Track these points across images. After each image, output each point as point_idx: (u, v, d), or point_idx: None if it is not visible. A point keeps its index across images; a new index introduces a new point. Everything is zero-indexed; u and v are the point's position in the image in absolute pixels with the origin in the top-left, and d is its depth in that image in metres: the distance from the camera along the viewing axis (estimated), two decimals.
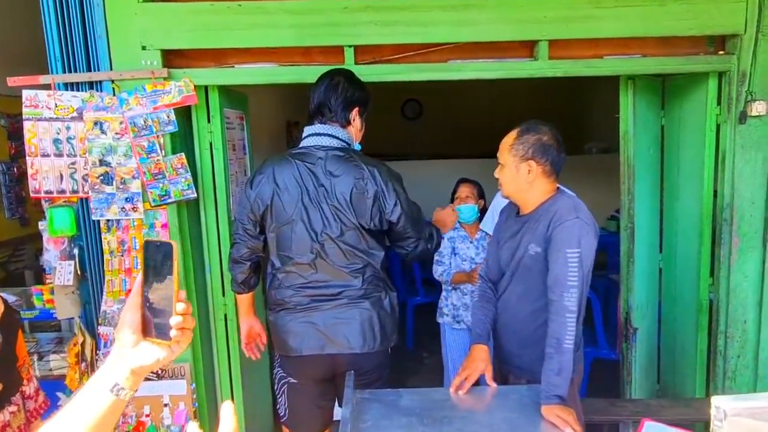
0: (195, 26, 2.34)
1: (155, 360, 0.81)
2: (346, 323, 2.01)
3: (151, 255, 0.80)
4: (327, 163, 1.99)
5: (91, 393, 0.79)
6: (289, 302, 2.03)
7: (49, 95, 2.32)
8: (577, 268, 1.74)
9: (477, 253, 3.00)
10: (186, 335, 0.82)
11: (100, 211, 2.39)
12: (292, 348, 2.03)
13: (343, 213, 1.96)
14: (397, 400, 1.83)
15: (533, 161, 1.87)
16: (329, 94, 2.06)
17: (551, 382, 1.71)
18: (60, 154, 2.37)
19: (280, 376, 2.14)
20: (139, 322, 0.80)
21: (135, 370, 0.80)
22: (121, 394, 0.79)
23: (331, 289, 2.01)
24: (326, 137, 2.04)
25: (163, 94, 2.34)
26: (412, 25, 2.36)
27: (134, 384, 0.81)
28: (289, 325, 2.03)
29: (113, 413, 0.80)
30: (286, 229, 2.00)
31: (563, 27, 2.36)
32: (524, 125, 1.92)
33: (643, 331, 2.85)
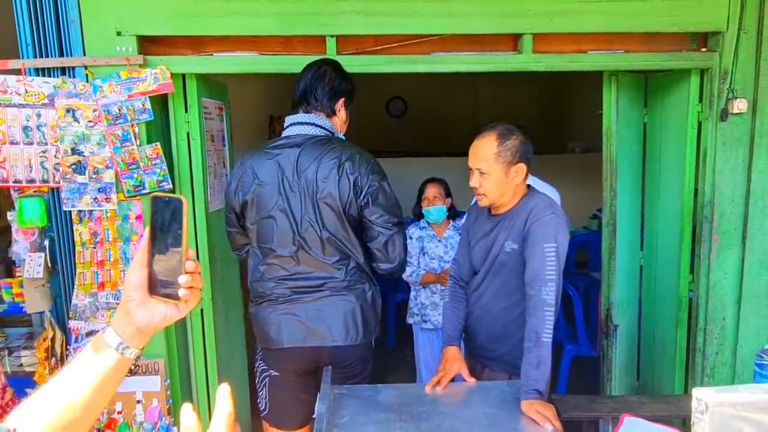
0: (173, 12, 2.28)
1: (162, 318, 0.78)
2: (328, 315, 1.97)
3: (158, 211, 0.76)
4: (306, 151, 1.93)
5: (96, 351, 0.77)
6: (271, 294, 1.99)
7: (19, 80, 2.24)
8: (555, 262, 1.75)
9: (446, 251, 3.01)
10: (195, 294, 0.79)
11: (71, 202, 2.31)
12: (273, 340, 1.99)
13: (324, 200, 1.92)
14: (375, 395, 1.80)
15: (522, 163, 1.88)
16: (315, 82, 2.01)
17: (530, 377, 1.69)
18: (30, 142, 2.29)
19: (261, 368, 2.09)
20: (146, 280, 0.77)
21: (141, 329, 0.78)
22: (126, 353, 0.78)
23: (313, 280, 1.96)
24: (309, 126, 1.99)
25: (138, 81, 2.27)
26: (396, 15, 2.33)
27: (140, 343, 0.79)
28: (271, 317, 1.99)
29: (118, 372, 0.78)
30: (268, 222, 1.95)
31: (547, 21, 2.34)
32: (497, 130, 1.90)
33: (623, 328, 2.84)
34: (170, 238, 0.75)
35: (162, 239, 0.76)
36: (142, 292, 0.77)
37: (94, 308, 2.34)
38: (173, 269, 0.76)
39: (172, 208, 0.75)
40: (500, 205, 1.97)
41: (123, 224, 2.35)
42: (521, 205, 1.92)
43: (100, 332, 0.79)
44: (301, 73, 2.05)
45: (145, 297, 0.77)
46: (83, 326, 2.35)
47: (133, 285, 0.77)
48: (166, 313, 0.78)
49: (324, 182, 1.91)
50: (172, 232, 0.75)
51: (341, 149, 1.95)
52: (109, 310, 2.34)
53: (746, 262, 2.52)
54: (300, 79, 2.04)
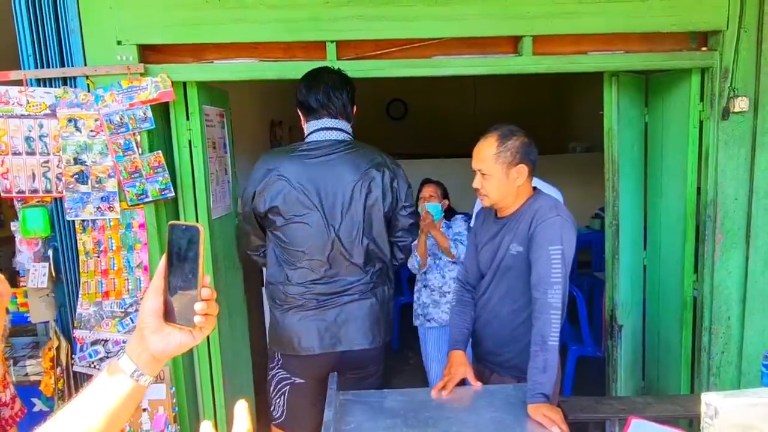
0: (173, 21, 2.28)
1: (177, 345, 0.79)
2: (355, 319, 2.03)
3: (175, 239, 0.77)
4: (342, 156, 2.02)
5: (111, 379, 0.77)
6: (300, 300, 2.02)
7: (21, 91, 2.25)
8: (560, 264, 1.75)
9: (439, 248, 3.02)
10: (210, 321, 0.79)
11: (74, 211, 2.32)
12: (303, 347, 2.02)
13: (370, 206, 2.01)
14: (382, 401, 1.80)
15: (522, 164, 1.88)
16: (336, 89, 2.07)
17: (536, 381, 1.69)
18: (32, 152, 2.29)
19: (280, 377, 2.10)
20: (161, 307, 0.78)
21: (156, 356, 0.79)
22: (141, 380, 0.78)
23: (341, 284, 2.02)
24: (336, 131, 2.06)
25: (140, 90, 2.28)
26: (396, 20, 2.33)
27: (154, 370, 0.79)
28: (300, 324, 2.02)
29: (132, 399, 0.79)
30: (301, 226, 1.99)
31: (547, 22, 2.34)
32: (498, 131, 1.92)
33: (628, 329, 2.84)
34: (186, 265, 0.76)
35: (178, 267, 0.77)
36: (157, 319, 0.78)
37: (99, 317, 2.34)
38: (189, 297, 0.76)
39: (188, 236, 0.76)
40: (504, 207, 1.97)
41: (126, 233, 2.35)
42: (526, 206, 1.91)
43: (114, 359, 0.80)
44: (315, 79, 2.08)
45: (160, 324, 0.78)
46: (88, 335, 2.35)
47: (148, 312, 0.77)
48: (181, 341, 0.78)
49: (367, 188, 2.01)
50: (189, 260, 0.76)
51: (373, 154, 2.08)
52: (114, 319, 2.34)
53: (750, 261, 2.52)
54: (316, 85, 2.06)
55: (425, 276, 3.09)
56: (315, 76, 2.09)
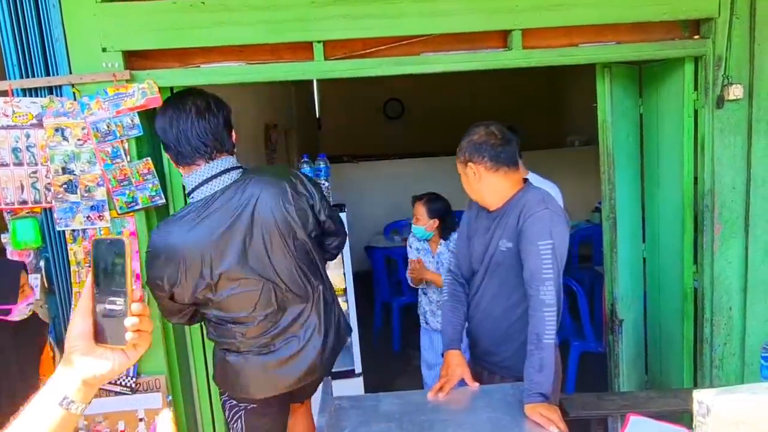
0: (157, 26, 2.26)
1: (109, 368, 0.75)
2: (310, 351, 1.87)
3: (101, 255, 0.74)
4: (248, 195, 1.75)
5: (40, 407, 0.73)
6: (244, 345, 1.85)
7: (6, 102, 2.22)
8: (551, 259, 1.71)
9: (437, 268, 2.99)
10: (144, 338, 0.76)
11: (64, 221, 2.29)
12: (255, 392, 1.88)
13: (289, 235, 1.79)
14: (377, 405, 1.77)
15: (471, 163, 1.88)
16: (203, 123, 1.74)
17: (533, 380, 1.66)
18: (20, 163, 2.27)
19: (231, 404, 1.96)
20: (91, 328, 0.74)
21: (87, 381, 0.74)
22: (72, 408, 0.73)
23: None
24: (230, 173, 1.77)
25: (126, 97, 2.25)
26: (382, 17, 2.30)
27: (86, 396, 0.75)
28: (249, 369, 1.85)
29: (64, 428, 0.74)
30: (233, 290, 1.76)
31: (536, 15, 2.31)
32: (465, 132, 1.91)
33: (629, 323, 2.81)
34: (115, 282, 0.73)
35: (106, 284, 0.74)
36: (87, 340, 0.74)
37: None
38: (119, 314, 0.73)
39: (114, 251, 0.73)
40: (489, 204, 1.94)
41: None
42: (514, 201, 1.88)
43: (43, 387, 0.74)
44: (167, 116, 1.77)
45: (90, 346, 0.74)
46: None
47: (77, 334, 0.74)
48: (114, 362, 0.74)
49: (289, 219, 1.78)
50: (117, 276, 0.73)
51: (277, 177, 1.80)
52: None
53: (750, 251, 2.48)
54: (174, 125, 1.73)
55: (426, 286, 3.07)
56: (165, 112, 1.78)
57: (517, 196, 1.88)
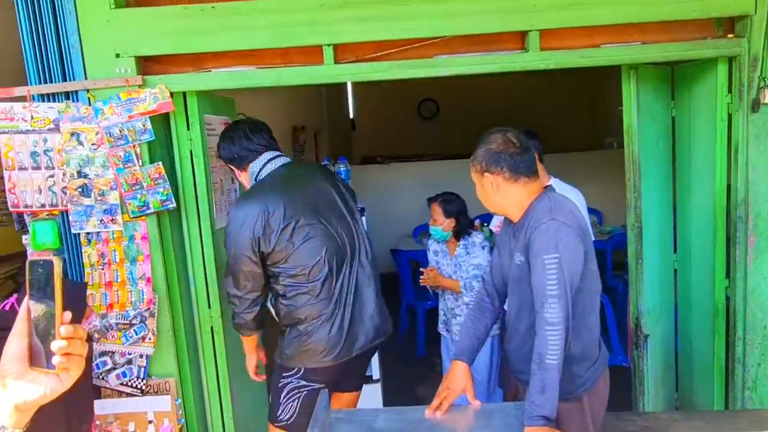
0: (169, 31, 2.27)
1: (41, 393, 0.72)
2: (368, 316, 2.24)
3: (35, 275, 0.72)
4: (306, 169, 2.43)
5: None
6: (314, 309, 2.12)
7: (25, 107, 2.28)
8: (557, 275, 1.59)
9: (455, 271, 2.91)
10: (74, 362, 0.73)
11: (79, 224, 2.34)
12: (328, 358, 2.11)
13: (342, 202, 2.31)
14: (372, 420, 1.72)
15: (488, 173, 1.76)
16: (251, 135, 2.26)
17: (534, 402, 1.57)
18: (38, 166, 2.33)
19: (292, 387, 2.15)
20: (25, 351, 0.71)
21: (19, 406, 0.71)
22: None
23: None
24: (280, 158, 2.28)
25: (138, 102, 2.27)
26: (393, 20, 2.24)
27: (19, 421, 0.72)
28: (321, 333, 2.11)
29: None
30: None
31: (555, 15, 2.21)
32: (480, 139, 1.81)
33: (656, 338, 2.66)
34: (47, 303, 0.71)
35: (40, 305, 0.71)
36: (20, 363, 0.71)
37: (104, 329, 2.35)
38: (46, 338, 0.71)
39: (46, 271, 0.71)
40: (509, 216, 1.85)
41: (129, 245, 2.35)
42: (528, 212, 1.77)
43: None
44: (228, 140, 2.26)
45: (24, 369, 0.71)
46: (95, 347, 2.37)
47: (10, 357, 0.71)
48: (46, 386, 0.72)
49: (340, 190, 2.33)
50: (48, 297, 0.71)
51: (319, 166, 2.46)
52: (119, 330, 2.35)
53: None
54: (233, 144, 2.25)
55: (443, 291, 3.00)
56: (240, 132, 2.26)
57: (531, 207, 1.78)
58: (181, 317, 2.45)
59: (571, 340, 1.65)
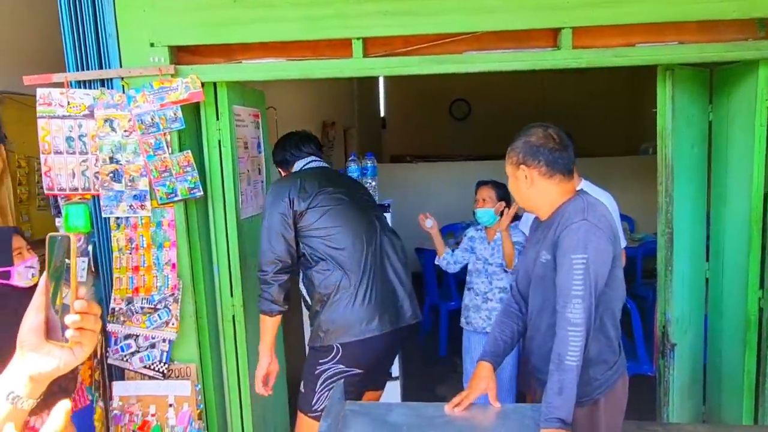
0: (202, 22, 2.31)
1: (55, 366, 0.74)
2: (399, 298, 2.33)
3: (53, 251, 0.74)
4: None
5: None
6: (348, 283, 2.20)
7: (62, 93, 2.34)
8: (583, 276, 1.57)
9: (491, 254, 2.90)
10: (87, 337, 0.75)
11: (109, 209, 2.39)
12: (366, 330, 2.15)
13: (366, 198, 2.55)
14: (386, 414, 1.71)
15: (524, 165, 1.74)
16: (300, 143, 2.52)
17: (551, 403, 1.54)
18: (72, 151, 2.39)
19: (335, 371, 2.16)
20: (42, 324, 0.74)
21: (34, 377, 0.74)
22: (18, 403, 0.73)
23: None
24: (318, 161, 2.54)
25: (170, 91, 2.32)
26: (424, 14, 2.23)
27: (33, 392, 0.75)
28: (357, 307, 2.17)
29: (12, 421, 0.73)
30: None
31: (589, 12, 2.16)
32: (519, 131, 1.78)
33: (684, 347, 2.58)
34: (64, 278, 0.73)
35: (58, 280, 0.74)
36: (37, 336, 0.74)
37: (130, 312, 2.41)
38: (63, 313, 0.73)
39: (64, 247, 0.73)
40: (538, 212, 1.83)
41: (157, 231, 2.40)
42: (558, 211, 1.75)
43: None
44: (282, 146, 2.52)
45: (39, 342, 0.74)
46: (120, 330, 2.43)
47: (27, 329, 0.74)
48: (60, 359, 0.74)
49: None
50: (66, 272, 0.73)
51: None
52: (144, 314, 2.40)
53: None
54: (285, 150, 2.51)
55: (472, 279, 2.98)
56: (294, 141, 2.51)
57: (562, 206, 1.75)
58: (204, 304, 2.49)
59: (589, 342, 1.62)
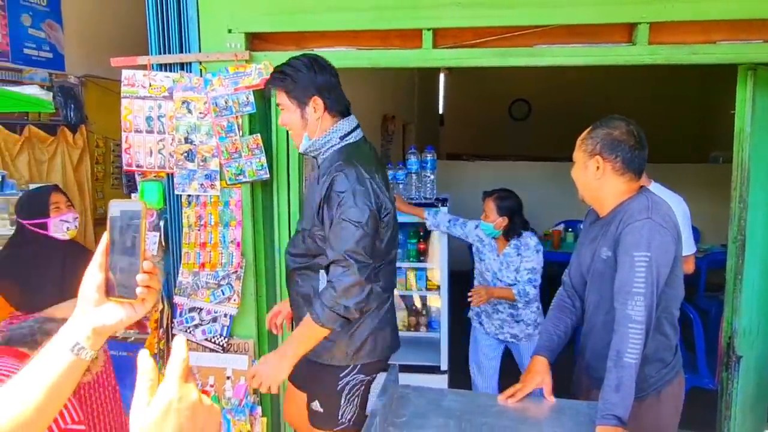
0: (277, 10, 2.38)
1: (118, 319, 0.80)
2: None
3: (117, 217, 0.79)
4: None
5: (52, 352, 0.78)
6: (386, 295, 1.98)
7: (145, 75, 2.48)
8: (645, 274, 1.54)
9: (500, 269, 2.86)
10: (151, 294, 0.80)
11: (182, 186, 2.51)
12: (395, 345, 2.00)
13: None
14: (440, 398, 1.73)
15: (600, 157, 1.71)
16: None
17: (608, 400, 1.52)
18: (151, 130, 2.52)
19: (354, 383, 1.93)
20: (103, 282, 0.80)
21: (97, 329, 0.79)
22: (81, 354, 0.78)
23: None
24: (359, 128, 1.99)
25: (244, 75, 2.41)
26: (495, 7, 2.23)
27: (95, 344, 0.79)
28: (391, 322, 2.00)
29: (73, 373, 0.79)
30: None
31: (667, 7, 2.11)
32: (600, 120, 1.75)
33: (750, 360, 2.47)
34: (128, 241, 0.78)
35: (120, 242, 0.79)
36: (99, 293, 0.79)
37: (196, 286, 2.52)
38: (130, 271, 0.78)
39: (130, 214, 0.78)
40: (597, 206, 1.81)
41: (224, 210, 2.50)
42: (620, 208, 1.73)
43: (56, 334, 0.80)
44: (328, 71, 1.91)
45: (102, 298, 0.79)
46: (186, 302, 2.54)
47: (90, 287, 0.78)
48: (121, 315, 0.79)
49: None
50: (130, 236, 0.78)
51: None
52: (208, 289, 2.51)
53: None
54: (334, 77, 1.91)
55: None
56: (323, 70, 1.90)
57: (625, 203, 1.73)
58: (264, 283, 2.58)
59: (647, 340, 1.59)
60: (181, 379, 0.64)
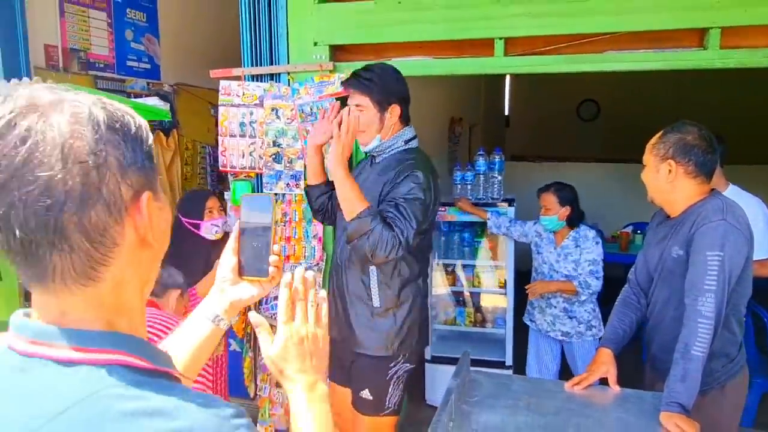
0: (359, 23, 2.59)
1: (252, 295, 0.96)
2: None
3: (249, 208, 0.95)
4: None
5: (195, 321, 0.95)
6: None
7: (239, 85, 2.75)
8: (717, 272, 1.62)
9: (557, 260, 2.90)
10: (279, 274, 0.96)
11: (270, 186, 2.76)
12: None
13: None
14: (509, 383, 1.87)
15: (672, 161, 1.78)
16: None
17: (673, 389, 1.61)
18: (243, 135, 2.79)
19: (400, 372, 2.11)
20: (236, 265, 0.95)
21: (234, 303, 0.95)
22: (220, 324, 0.95)
23: None
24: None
25: (328, 84, 2.63)
26: (566, 15, 2.33)
27: (231, 315, 0.96)
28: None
29: (212, 340, 0.94)
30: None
31: (740, 12, 2.14)
32: (670, 126, 1.83)
33: None
34: (260, 229, 0.94)
35: (253, 230, 0.94)
36: (234, 273, 0.95)
37: None
38: (261, 255, 0.94)
39: (261, 205, 0.94)
40: (668, 208, 1.88)
41: (307, 207, 2.72)
42: (693, 209, 1.80)
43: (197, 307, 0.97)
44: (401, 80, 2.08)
45: (236, 278, 0.95)
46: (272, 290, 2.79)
47: (227, 268, 0.95)
48: (254, 291, 0.95)
49: None
50: (262, 224, 0.94)
51: None
52: None
53: None
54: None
55: (537, 280, 3.04)
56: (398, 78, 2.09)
57: (697, 205, 1.80)
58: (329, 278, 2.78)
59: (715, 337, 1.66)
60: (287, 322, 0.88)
